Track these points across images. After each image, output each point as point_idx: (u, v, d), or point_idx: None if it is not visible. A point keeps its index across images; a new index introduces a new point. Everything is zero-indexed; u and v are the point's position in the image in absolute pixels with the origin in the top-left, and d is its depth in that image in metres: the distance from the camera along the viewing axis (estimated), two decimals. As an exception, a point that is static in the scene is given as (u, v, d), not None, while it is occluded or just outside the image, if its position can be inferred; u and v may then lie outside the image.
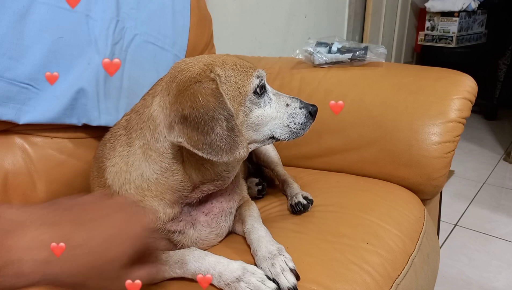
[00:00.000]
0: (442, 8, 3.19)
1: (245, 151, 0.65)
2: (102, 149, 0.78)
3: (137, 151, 0.71)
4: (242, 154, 0.65)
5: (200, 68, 0.69)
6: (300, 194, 0.91)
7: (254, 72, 0.73)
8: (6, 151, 0.89)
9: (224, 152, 0.63)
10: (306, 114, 0.77)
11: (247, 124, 0.72)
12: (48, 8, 0.90)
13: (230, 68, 0.71)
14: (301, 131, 0.77)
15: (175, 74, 0.69)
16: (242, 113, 0.70)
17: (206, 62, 0.70)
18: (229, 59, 0.73)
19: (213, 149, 0.63)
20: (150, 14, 1.12)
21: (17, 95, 0.86)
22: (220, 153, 0.63)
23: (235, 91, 0.70)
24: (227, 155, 0.63)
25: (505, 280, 1.51)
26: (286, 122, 0.75)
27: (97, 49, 0.98)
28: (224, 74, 0.69)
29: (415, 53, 3.80)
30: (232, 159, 0.64)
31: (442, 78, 1.10)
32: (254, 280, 0.62)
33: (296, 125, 0.76)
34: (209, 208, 0.77)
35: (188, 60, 0.73)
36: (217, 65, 0.70)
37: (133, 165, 0.71)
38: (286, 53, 2.09)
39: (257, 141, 0.75)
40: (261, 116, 0.73)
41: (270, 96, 0.75)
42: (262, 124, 0.73)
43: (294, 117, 0.76)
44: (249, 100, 0.71)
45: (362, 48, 1.23)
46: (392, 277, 0.75)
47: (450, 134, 1.00)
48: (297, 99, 0.78)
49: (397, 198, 0.98)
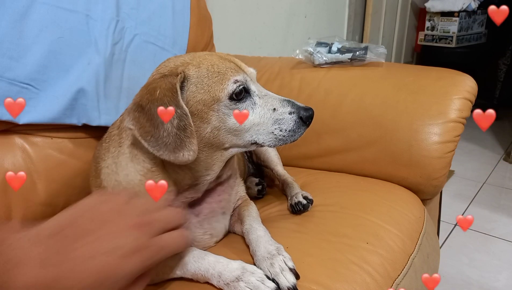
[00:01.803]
0: (442, 8, 3.19)
1: (191, 155, 0.63)
2: (99, 149, 0.78)
3: (126, 151, 0.71)
4: (186, 157, 0.62)
5: (175, 65, 0.69)
6: (300, 194, 0.91)
7: (233, 76, 0.68)
8: (6, 151, 0.89)
9: (168, 149, 0.62)
10: (296, 120, 0.70)
11: (225, 129, 0.68)
12: (48, 8, 0.90)
13: (205, 69, 0.68)
14: (289, 138, 0.70)
15: (156, 70, 0.71)
16: (215, 118, 0.67)
17: (183, 61, 0.70)
18: (208, 59, 0.69)
19: (158, 144, 0.62)
20: (150, 14, 1.12)
21: (17, 95, 0.86)
22: (163, 150, 0.62)
23: (205, 94, 0.66)
24: (170, 153, 0.62)
25: (505, 280, 1.51)
26: (271, 129, 0.69)
27: (97, 49, 0.98)
28: (197, 75, 0.67)
29: (415, 53, 3.81)
30: (173, 159, 0.62)
31: (442, 78, 1.10)
32: (254, 280, 0.61)
33: (282, 132, 0.69)
34: (198, 209, 0.77)
35: (172, 58, 0.73)
36: (192, 64, 0.68)
37: (121, 165, 0.71)
38: (286, 53, 2.09)
39: (239, 146, 0.71)
40: None
41: (255, 100, 0.70)
42: (242, 130, 0.69)
43: (280, 124, 0.69)
44: (224, 105, 0.67)
45: (362, 48, 1.23)
46: (392, 277, 0.75)
47: (450, 134, 1.00)
48: (289, 102, 0.71)
49: (397, 198, 0.98)
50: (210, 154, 0.70)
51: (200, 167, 0.70)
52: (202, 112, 0.66)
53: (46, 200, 0.93)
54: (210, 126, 0.67)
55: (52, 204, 0.95)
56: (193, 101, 0.66)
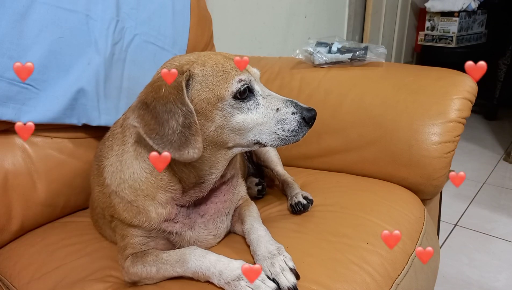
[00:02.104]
0: (442, 8, 3.19)
1: (196, 153, 0.63)
2: (102, 147, 0.79)
3: (130, 149, 0.72)
4: (191, 154, 0.63)
5: (180, 64, 0.69)
6: (300, 194, 0.91)
7: (237, 76, 0.68)
8: (6, 151, 0.89)
9: (173, 147, 0.62)
10: (299, 120, 0.70)
11: (229, 128, 0.68)
12: (48, 8, 0.90)
13: (210, 67, 0.68)
14: (291, 139, 0.70)
15: (160, 68, 0.71)
16: (219, 117, 0.67)
17: (189, 60, 0.70)
18: (213, 58, 0.70)
19: (163, 141, 0.63)
20: (150, 14, 1.12)
21: (17, 95, 0.87)
22: (168, 147, 0.62)
23: (209, 92, 0.66)
24: (175, 151, 0.62)
25: (505, 280, 1.51)
26: (274, 129, 0.70)
27: (97, 49, 0.98)
28: (202, 73, 0.67)
29: (415, 53, 3.81)
30: (178, 157, 0.63)
31: (442, 78, 1.10)
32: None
33: (285, 132, 0.70)
34: (204, 209, 0.77)
35: (177, 57, 0.73)
36: (197, 63, 0.69)
37: (126, 163, 0.71)
38: (286, 53, 2.09)
39: (242, 145, 0.71)
40: (243, 122, 0.68)
41: (259, 99, 0.70)
42: (245, 129, 0.69)
43: (283, 124, 0.70)
44: (229, 104, 0.67)
45: (362, 48, 1.23)
46: (392, 277, 0.75)
47: (450, 134, 1.00)
48: (292, 103, 0.71)
49: (397, 198, 0.98)
50: (214, 152, 0.70)
51: (204, 165, 0.70)
52: (206, 110, 0.67)
53: (46, 200, 0.93)
54: (214, 124, 0.67)
55: (52, 204, 0.95)
56: (198, 99, 0.66)
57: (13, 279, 0.79)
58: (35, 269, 0.78)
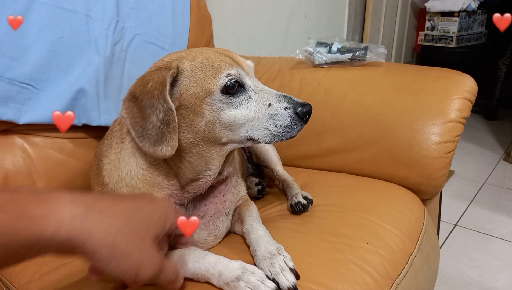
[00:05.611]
0: (442, 8, 3.19)
1: (169, 150, 0.64)
2: (101, 147, 0.78)
3: (128, 146, 0.72)
4: (164, 152, 0.63)
5: (170, 60, 0.70)
6: (300, 194, 0.91)
7: (227, 70, 0.67)
8: (6, 151, 0.89)
9: (149, 141, 0.64)
10: (292, 115, 0.68)
11: (220, 123, 0.68)
12: (48, 8, 0.90)
13: (200, 62, 0.67)
14: (285, 135, 0.68)
15: (153, 64, 0.72)
16: (209, 112, 0.67)
17: (179, 55, 0.70)
18: (204, 53, 0.69)
19: (143, 135, 0.64)
20: (150, 14, 1.12)
21: (17, 95, 0.87)
22: (145, 141, 0.64)
23: (198, 87, 0.66)
24: (150, 146, 0.64)
25: (505, 280, 1.51)
26: (266, 124, 0.68)
27: (97, 49, 0.98)
28: (191, 68, 0.67)
29: (415, 53, 3.81)
30: (152, 152, 0.64)
31: (442, 78, 1.10)
32: (254, 280, 0.61)
33: (277, 128, 0.68)
34: (204, 210, 0.77)
35: (171, 53, 0.74)
36: (187, 58, 0.69)
37: (124, 160, 0.71)
38: (286, 53, 2.09)
39: (236, 141, 0.70)
40: (234, 117, 0.67)
41: (250, 94, 0.69)
42: (236, 125, 0.68)
43: (275, 119, 0.68)
44: (217, 99, 0.66)
45: (362, 48, 1.23)
46: (392, 277, 0.75)
47: (450, 134, 1.00)
48: (286, 97, 0.69)
49: (397, 198, 0.98)
50: (208, 148, 0.70)
51: (199, 161, 0.70)
52: (195, 105, 0.66)
53: (46, 200, 0.93)
54: (204, 119, 0.67)
55: (52, 204, 0.95)
56: (186, 94, 0.66)
57: (13, 279, 0.79)
58: (35, 269, 0.78)
